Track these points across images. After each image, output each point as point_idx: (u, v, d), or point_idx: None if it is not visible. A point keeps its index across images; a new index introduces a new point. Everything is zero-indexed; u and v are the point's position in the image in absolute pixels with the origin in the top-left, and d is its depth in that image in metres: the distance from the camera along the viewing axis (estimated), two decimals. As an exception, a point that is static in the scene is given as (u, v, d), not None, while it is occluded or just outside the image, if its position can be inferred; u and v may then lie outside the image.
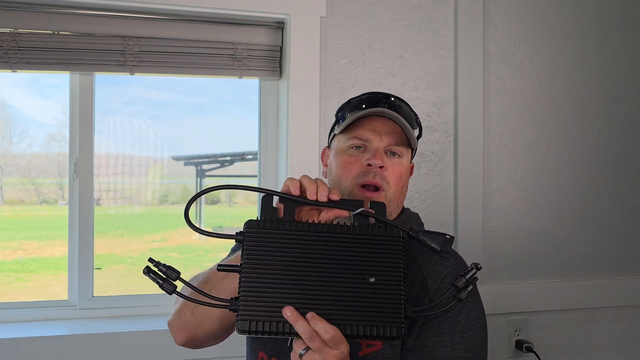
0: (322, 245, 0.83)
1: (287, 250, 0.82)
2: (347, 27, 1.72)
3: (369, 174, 1.00)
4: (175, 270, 0.83)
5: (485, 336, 0.99)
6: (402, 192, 1.06)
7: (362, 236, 0.84)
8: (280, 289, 0.81)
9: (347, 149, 1.04)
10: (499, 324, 1.82)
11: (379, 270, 0.83)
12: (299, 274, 0.82)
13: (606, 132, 1.95)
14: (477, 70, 1.80)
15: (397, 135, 1.02)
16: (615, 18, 1.96)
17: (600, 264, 1.94)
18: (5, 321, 1.64)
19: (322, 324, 0.77)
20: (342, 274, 0.82)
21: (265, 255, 0.82)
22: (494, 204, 1.84)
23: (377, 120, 1.03)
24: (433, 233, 0.87)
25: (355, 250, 0.83)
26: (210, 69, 1.69)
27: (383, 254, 0.84)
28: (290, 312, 0.78)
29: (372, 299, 0.82)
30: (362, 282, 0.82)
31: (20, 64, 1.55)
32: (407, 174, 1.07)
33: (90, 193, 1.69)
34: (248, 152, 1.91)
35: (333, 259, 0.83)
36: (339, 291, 0.81)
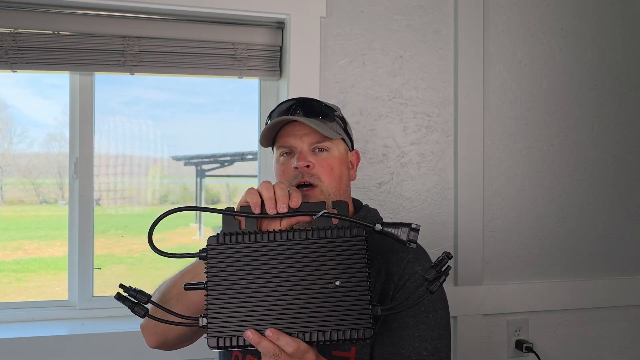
0: (284, 254, 0.83)
1: (250, 263, 0.83)
2: (347, 27, 1.72)
3: (299, 175, 1.04)
4: (146, 294, 0.85)
5: (447, 316, 1.04)
6: (340, 182, 1.08)
7: (324, 240, 0.84)
8: (245, 303, 0.81)
9: (278, 159, 1.10)
10: (499, 324, 1.83)
11: (344, 272, 0.83)
12: (263, 285, 0.82)
13: (606, 132, 1.95)
14: (477, 70, 1.80)
15: (317, 133, 1.06)
16: (615, 18, 1.96)
17: (600, 264, 1.94)
18: (5, 321, 1.64)
19: (284, 339, 0.79)
20: (306, 280, 0.82)
21: (228, 270, 0.82)
22: (494, 204, 1.84)
23: (295, 125, 1.08)
24: (398, 224, 0.87)
25: (318, 255, 0.83)
26: (210, 69, 1.69)
27: (347, 256, 0.84)
28: (252, 334, 0.79)
29: (338, 303, 0.82)
30: (327, 286, 0.82)
31: (20, 64, 1.55)
32: (342, 164, 1.09)
33: (90, 193, 1.69)
34: (248, 152, 1.91)
35: (296, 266, 0.83)
36: (304, 298, 0.82)
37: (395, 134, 1.75)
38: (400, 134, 1.76)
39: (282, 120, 1.06)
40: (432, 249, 1.77)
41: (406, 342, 0.99)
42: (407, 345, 0.98)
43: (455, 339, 1.76)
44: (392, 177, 1.75)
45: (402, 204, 1.75)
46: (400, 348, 0.99)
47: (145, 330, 1.06)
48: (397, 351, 0.98)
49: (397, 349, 0.99)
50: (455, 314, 1.75)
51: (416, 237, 0.86)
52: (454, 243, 1.79)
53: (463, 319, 1.76)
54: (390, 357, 0.99)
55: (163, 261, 1.02)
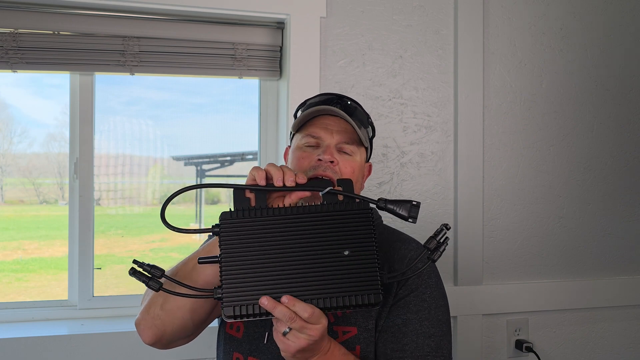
0: (294, 227, 0.87)
1: (261, 235, 0.86)
2: (347, 27, 1.72)
3: (319, 167, 1.05)
4: (160, 268, 0.88)
5: (448, 314, 1.05)
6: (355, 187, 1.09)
7: (332, 213, 0.88)
8: (258, 273, 0.84)
9: (301, 146, 1.09)
10: (499, 324, 1.83)
11: (352, 242, 0.87)
12: (275, 256, 0.85)
13: (606, 132, 1.95)
14: (477, 70, 1.80)
15: (348, 133, 1.07)
16: (615, 18, 1.96)
17: (600, 264, 1.94)
18: (5, 321, 1.64)
19: (299, 305, 0.82)
20: (316, 250, 0.86)
21: (241, 243, 0.86)
22: (494, 204, 1.84)
23: (328, 119, 1.08)
24: (399, 201, 0.91)
25: (326, 226, 0.87)
26: (210, 69, 1.69)
27: (354, 227, 0.88)
28: (267, 300, 0.81)
29: (348, 271, 0.86)
30: (336, 256, 0.86)
31: (21, 64, 1.55)
32: (361, 171, 1.12)
33: (90, 193, 1.69)
34: (248, 152, 1.91)
35: (306, 238, 0.87)
36: (315, 268, 0.85)
37: (395, 134, 1.75)
38: (400, 134, 1.76)
39: (325, 109, 1.06)
40: (432, 249, 1.76)
41: (409, 339, 0.99)
42: (409, 342, 0.99)
43: (455, 339, 1.76)
44: (392, 177, 1.75)
45: (402, 204, 1.75)
46: (403, 345, 0.99)
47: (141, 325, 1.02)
48: (401, 348, 0.99)
49: (400, 346, 0.99)
50: (455, 314, 1.75)
51: (416, 212, 0.90)
52: (454, 243, 1.79)
53: (463, 319, 1.76)
54: (393, 353, 0.99)
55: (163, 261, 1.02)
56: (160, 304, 1.00)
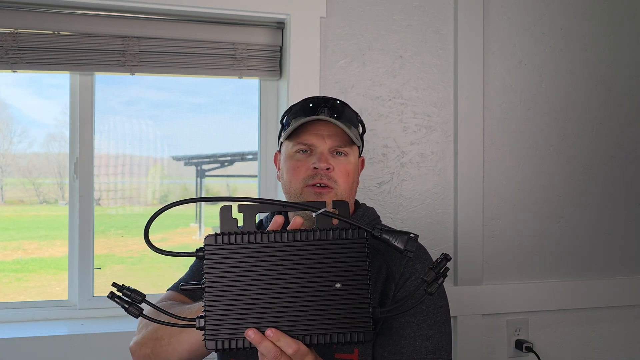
0: (284, 255, 0.81)
1: (248, 263, 0.81)
2: (347, 27, 1.72)
3: (316, 176, 1.05)
4: (140, 293, 0.83)
5: (448, 314, 1.04)
6: (352, 188, 1.10)
7: (325, 241, 0.82)
8: (244, 304, 0.80)
9: (293, 154, 1.09)
10: (499, 324, 1.83)
11: (344, 275, 0.81)
12: (262, 287, 0.80)
13: (606, 132, 1.95)
14: (477, 70, 1.80)
15: (340, 136, 1.07)
16: (615, 18, 1.96)
17: (600, 264, 1.94)
18: (5, 321, 1.64)
19: (285, 339, 0.78)
20: (306, 281, 0.81)
21: (227, 270, 0.80)
22: (494, 204, 1.84)
23: (319, 124, 1.07)
24: (396, 232, 0.85)
25: (318, 256, 0.82)
26: (210, 69, 1.69)
27: (347, 258, 0.82)
28: (254, 334, 0.78)
29: (338, 305, 0.81)
30: (327, 288, 0.81)
31: (21, 64, 1.55)
32: (356, 170, 1.12)
33: (90, 193, 1.69)
34: (248, 152, 1.90)
35: (296, 267, 0.81)
36: (304, 300, 0.80)
37: (395, 134, 1.75)
38: (400, 134, 1.76)
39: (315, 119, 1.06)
40: (432, 248, 1.77)
41: (407, 342, 0.99)
42: (407, 345, 0.98)
43: (455, 339, 1.76)
44: (392, 177, 1.75)
45: (402, 204, 1.75)
46: (401, 347, 0.98)
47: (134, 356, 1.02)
48: (398, 351, 0.98)
49: (397, 349, 0.98)
50: (455, 314, 1.75)
51: (414, 246, 0.84)
52: (454, 243, 1.79)
53: (463, 319, 1.76)
54: (390, 356, 0.98)
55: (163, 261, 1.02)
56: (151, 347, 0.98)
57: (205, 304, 0.80)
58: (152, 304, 0.84)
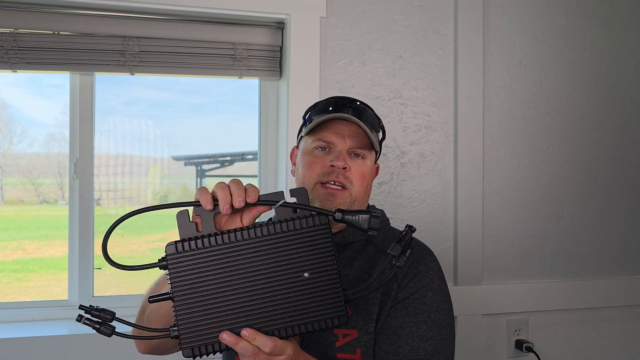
0: (248, 252, 0.81)
1: (214, 266, 0.80)
2: (347, 27, 1.72)
3: (332, 174, 1.04)
4: (109, 311, 0.82)
5: (451, 318, 1.02)
6: (366, 192, 1.09)
7: (288, 233, 0.81)
8: (215, 307, 0.79)
9: (312, 150, 1.08)
10: (499, 324, 1.83)
11: (311, 263, 0.81)
12: (230, 288, 0.80)
13: (606, 132, 1.95)
14: (477, 70, 1.80)
15: (360, 138, 1.06)
16: (615, 18, 1.96)
17: (600, 264, 1.94)
18: (5, 321, 1.64)
19: (260, 339, 0.78)
20: (274, 276, 0.80)
21: (193, 276, 0.80)
22: (494, 204, 1.84)
23: (341, 124, 1.07)
24: (358, 212, 0.84)
25: (283, 249, 0.81)
26: (210, 69, 1.69)
27: (312, 246, 0.82)
28: (229, 336, 0.78)
29: (309, 294, 0.81)
30: (296, 279, 0.81)
31: (21, 64, 1.55)
32: (371, 175, 1.11)
33: (90, 193, 1.69)
34: (248, 152, 1.90)
35: (262, 263, 0.80)
36: (275, 295, 0.80)
37: (395, 134, 1.75)
38: (400, 134, 1.76)
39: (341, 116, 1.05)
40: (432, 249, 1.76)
41: (404, 341, 0.97)
42: (404, 345, 0.97)
43: (456, 339, 1.76)
44: (392, 177, 1.75)
45: (402, 204, 1.75)
46: (397, 347, 0.97)
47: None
48: (395, 350, 0.97)
49: (394, 348, 0.97)
50: (455, 314, 1.75)
51: (377, 224, 0.83)
52: (453, 243, 1.79)
53: (463, 319, 1.76)
54: (387, 356, 0.97)
55: (163, 261, 1.01)
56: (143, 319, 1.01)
57: (175, 313, 0.79)
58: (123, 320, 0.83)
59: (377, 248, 1.07)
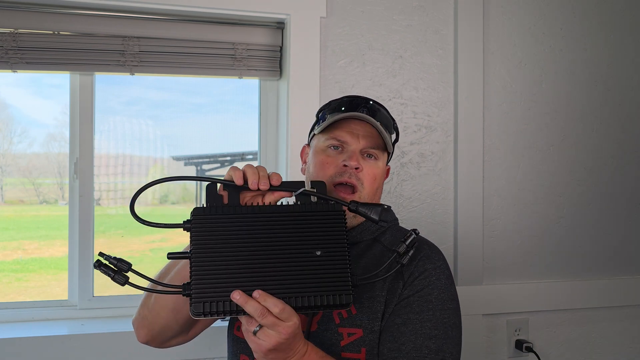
0: (267, 225, 0.86)
1: (233, 232, 0.85)
2: (347, 27, 1.72)
3: (344, 174, 1.04)
4: (127, 262, 0.86)
5: (457, 318, 1.02)
6: (376, 193, 1.10)
7: (305, 213, 0.88)
8: (229, 270, 0.83)
9: (325, 149, 1.08)
10: (499, 324, 1.83)
11: (324, 243, 0.87)
12: (247, 254, 0.84)
13: (606, 132, 1.95)
14: (477, 70, 1.80)
15: (374, 138, 1.06)
16: (615, 18, 1.96)
17: (600, 264, 1.94)
18: (5, 321, 1.64)
19: (271, 300, 0.81)
20: (289, 250, 0.86)
21: (213, 239, 0.84)
22: (494, 204, 1.84)
23: (355, 123, 1.07)
24: (371, 205, 0.94)
25: (299, 226, 0.87)
26: (210, 69, 1.69)
27: (327, 228, 0.88)
28: (239, 295, 0.81)
29: (319, 271, 0.85)
30: (309, 255, 0.86)
31: (21, 64, 1.55)
32: (382, 176, 1.11)
33: (90, 193, 1.69)
34: (248, 152, 1.90)
35: (279, 236, 0.86)
36: (287, 266, 0.85)
37: (395, 134, 1.75)
38: (401, 134, 1.75)
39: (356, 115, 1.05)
40: (432, 249, 1.77)
41: (407, 338, 0.96)
42: (408, 342, 0.95)
43: (455, 339, 1.76)
44: (392, 177, 1.75)
45: (402, 204, 1.75)
46: (400, 344, 0.96)
47: (134, 324, 1.07)
48: (398, 347, 0.96)
49: (397, 345, 0.96)
50: (455, 314, 1.75)
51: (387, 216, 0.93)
52: (454, 243, 1.79)
53: (463, 319, 1.75)
54: (389, 353, 0.96)
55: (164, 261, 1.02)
56: (149, 305, 1.02)
57: (191, 271, 0.83)
58: (138, 272, 0.87)
59: (384, 247, 1.06)
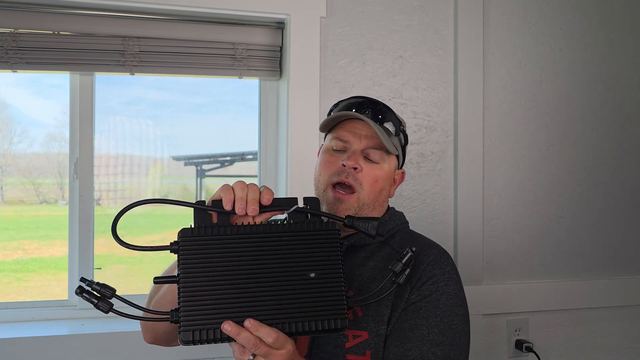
0: (258, 247, 0.82)
1: (223, 255, 0.81)
2: (347, 27, 1.72)
3: (342, 173, 1.04)
4: (110, 287, 0.81)
5: (465, 324, 1.01)
6: (379, 196, 1.08)
7: (298, 233, 0.85)
8: (219, 296, 0.79)
9: (329, 149, 1.08)
10: (499, 324, 1.83)
11: (318, 264, 0.84)
12: (238, 277, 0.81)
13: (606, 132, 1.95)
14: (477, 70, 1.80)
15: (377, 139, 1.05)
16: (615, 18, 1.96)
17: (600, 264, 1.94)
18: (5, 321, 1.64)
19: (263, 329, 0.78)
20: (281, 272, 0.82)
21: (202, 262, 0.80)
22: (494, 204, 1.84)
23: (359, 123, 1.07)
24: (367, 219, 0.91)
25: (292, 247, 0.83)
26: (210, 69, 1.69)
27: (321, 248, 0.84)
28: (230, 326, 0.77)
29: (313, 294, 0.82)
30: (302, 278, 0.82)
31: (21, 64, 1.55)
32: (387, 180, 1.09)
33: (90, 193, 1.69)
34: (248, 152, 1.90)
35: (271, 258, 0.82)
36: (279, 290, 0.81)
37: (395, 134, 1.75)
38: (400, 134, 1.76)
39: (349, 115, 1.05)
40: (432, 249, 1.77)
41: (413, 344, 0.95)
42: (414, 348, 0.94)
43: (455, 339, 1.76)
44: (392, 177, 1.75)
45: (402, 204, 1.75)
46: (407, 350, 0.95)
47: (141, 327, 1.07)
48: (404, 353, 0.94)
49: (403, 351, 0.95)
50: (455, 314, 1.75)
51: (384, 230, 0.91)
52: (454, 243, 1.79)
53: (463, 319, 1.76)
54: (395, 358, 0.95)
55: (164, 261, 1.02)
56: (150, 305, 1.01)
57: (180, 297, 0.79)
58: (122, 299, 0.83)
59: (393, 249, 1.05)
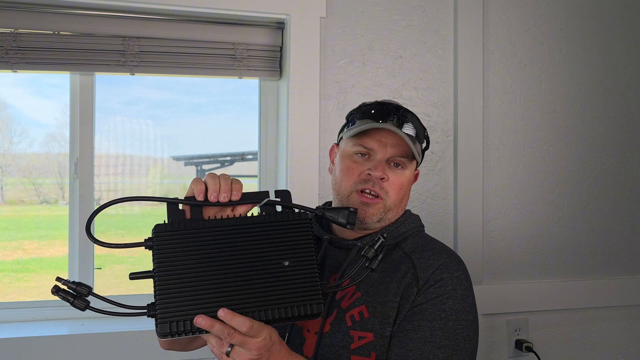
0: (232, 239, 0.84)
1: (197, 248, 0.83)
2: (347, 27, 1.72)
3: (368, 182, 1.04)
4: (86, 285, 0.83)
5: (472, 330, 0.98)
6: (402, 201, 1.09)
7: (271, 223, 0.87)
8: (195, 287, 0.81)
9: (352, 155, 1.07)
10: (499, 324, 1.83)
11: (292, 253, 0.86)
12: (212, 269, 0.82)
13: (606, 132, 1.95)
14: (477, 70, 1.80)
15: (402, 147, 1.05)
16: (615, 18, 1.96)
17: (600, 264, 1.94)
18: (5, 321, 1.64)
19: (237, 318, 0.79)
20: (255, 262, 0.84)
21: (177, 256, 0.82)
22: (494, 204, 1.84)
23: (384, 131, 1.06)
24: (337, 209, 0.93)
25: (265, 237, 0.86)
26: (210, 69, 1.69)
27: (293, 238, 0.87)
28: (203, 319, 0.78)
29: (288, 281, 0.84)
30: (277, 266, 0.84)
31: (21, 64, 1.55)
32: (409, 184, 1.10)
33: (90, 193, 1.69)
34: (248, 152, 1.90)
35: (244, 249, 0.84)
36: (254, 279, 0.83)
37: (395, 134, 1.75)
38: (400, 134, 1.76)
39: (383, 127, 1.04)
40: (432, 249, 1.77)
41: (415, 345, 0.94)
42: (415, 349, 0.94)
43: (455, 339, 1.76)
44: (392, 177, 1.75)
45: (402, 204, 1.75)
46: (407, 350, 0.94)
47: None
48: (404, 353, 0.94)
49: (404, 351, 0.94)
50: (455, 314, 1.75)
51: (354, 219, 0.92)
52: (454, 243, 1.79)
53: (463, 319, 1.76)
54: (396, 358, 0.94)
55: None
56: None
57: (155, 291, 0.81)
58: (98, 296, 0.85)
59: (404, 252, 1.05)
